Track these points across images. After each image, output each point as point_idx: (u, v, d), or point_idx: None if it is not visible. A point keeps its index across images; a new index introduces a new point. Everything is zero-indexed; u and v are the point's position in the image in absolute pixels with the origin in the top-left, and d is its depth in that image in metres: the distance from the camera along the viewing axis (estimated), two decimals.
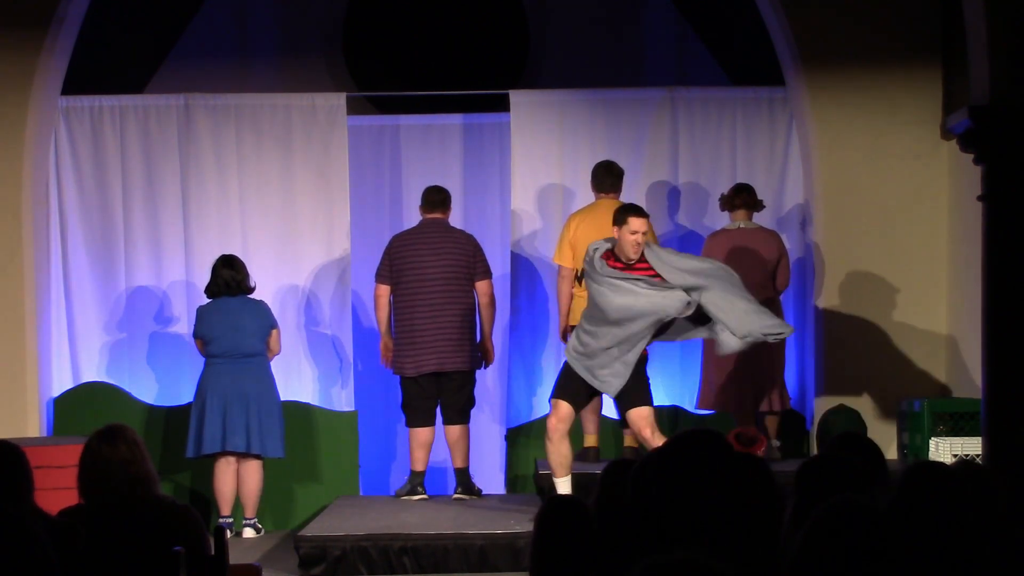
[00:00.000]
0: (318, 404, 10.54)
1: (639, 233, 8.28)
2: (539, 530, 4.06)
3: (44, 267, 10.39)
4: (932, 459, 7.92)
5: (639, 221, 8.31)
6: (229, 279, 9.68)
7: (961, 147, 8.02)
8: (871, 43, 10.09)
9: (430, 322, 9.62)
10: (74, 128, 10.57)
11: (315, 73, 11.60)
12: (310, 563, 8.19)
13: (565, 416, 8.49)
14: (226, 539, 5.09)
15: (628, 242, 8.28)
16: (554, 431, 8.48)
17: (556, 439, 8.47)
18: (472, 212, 11.05)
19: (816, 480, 4.20)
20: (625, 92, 10.83)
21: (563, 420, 8.48)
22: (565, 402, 8.49)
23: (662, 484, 3.49)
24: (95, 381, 10.53)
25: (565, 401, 8.48)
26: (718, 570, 2.76)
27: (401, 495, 9.76)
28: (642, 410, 8.42)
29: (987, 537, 3.59)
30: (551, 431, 8.50)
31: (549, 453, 8.55)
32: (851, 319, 10.18)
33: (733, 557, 3.44)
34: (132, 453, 5.03)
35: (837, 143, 10.20)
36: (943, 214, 10.16)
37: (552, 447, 8.50)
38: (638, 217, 8.33)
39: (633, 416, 8.43)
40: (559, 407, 8.49)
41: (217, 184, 10.62)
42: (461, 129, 11.16)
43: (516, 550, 8.16)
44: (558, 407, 8.49)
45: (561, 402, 8.49)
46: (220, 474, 9.65)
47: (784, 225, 10.53)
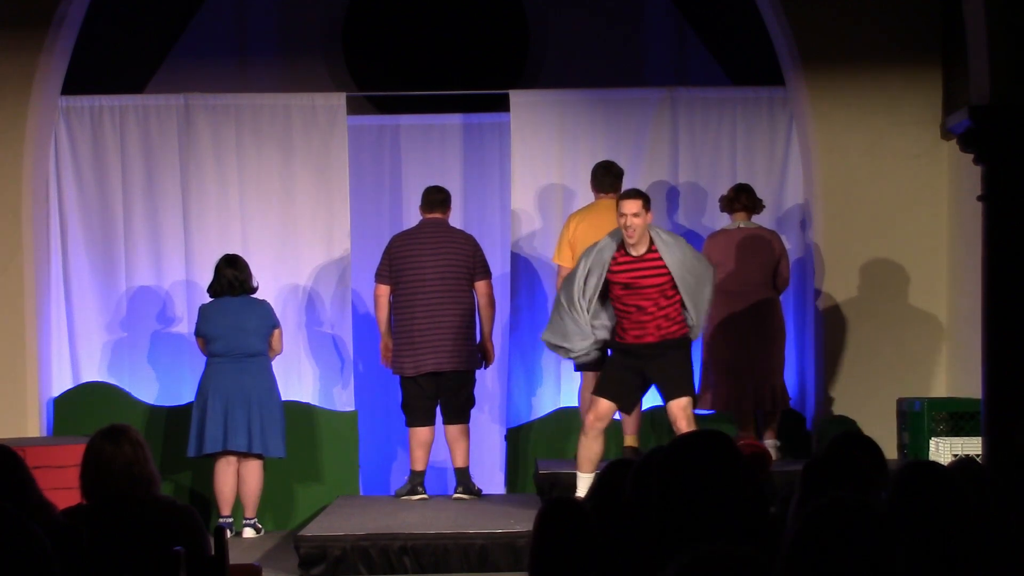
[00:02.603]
0: (318, 404, 10.54)
1: (627, 215, 8.36)
2: (539, 531, 4.06)
3: (44, 267, 10.40)
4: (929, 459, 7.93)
5: (628, 203, 8.40)
6: (232, 278, 9.68)
7: (961, 147, 8.02)
8: (871, 43, 10.09)
9: (429, 322, 9.62)
10: (74, 128, 10.57)
11: (315, 73, 11.61)
12: (310, 563, 8.19)
13: (604, 414, 8.54)
14: (226, 539, 5.09)
15: (621, 226, 8.40)
16: (591, 428, 8.55)
17: (591, 435, 8.55)
18: (472, 212, 11.05)
19: (820, 479, 4.20)
20: (625, 92, 10.83)
21: (601, 418, 8.54)
22: (606, 400, 8.52)
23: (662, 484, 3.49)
24: (95, 381, 10.53)
25: (607, 399, 8.52)
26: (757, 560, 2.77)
27: (401, 495, 9.76)
28: (681, 401, 8.46)
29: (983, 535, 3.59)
30: (588, 427, 8.58)
31: (580, 446, 8.60)
32: (851, 319, 10.18)
33: None
34: (136, 453, 5.03)
35: (837, 143, 10.20)
36: (943, 214, 10.16)
37: (585, 441, 8.57)
38: (625, 199, 8.44)
39: (672, 407, 8.48)
40: (598, 404, 8.54)
41: (217, 184, 10.62)
42: (461, 129, 11.16)
43: (516, 550, 8.16)
44: (597, 404, 8.54)
45: (602, 400, 8.54)
46: (220, 474, 9.65)
47: (784, 225, 10.53)
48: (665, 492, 3.47)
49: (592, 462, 8.55)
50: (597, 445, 8.55)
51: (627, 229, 8.36)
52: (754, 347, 9.70)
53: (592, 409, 8.55)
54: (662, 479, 3.50)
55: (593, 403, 8.57)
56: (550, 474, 9.49)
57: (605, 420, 8.56)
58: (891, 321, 10.17)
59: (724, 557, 2.78)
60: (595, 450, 8.55)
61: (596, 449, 8.55)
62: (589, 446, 8.55)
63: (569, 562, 3.95)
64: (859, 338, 10.16)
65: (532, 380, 10.68)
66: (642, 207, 8.41)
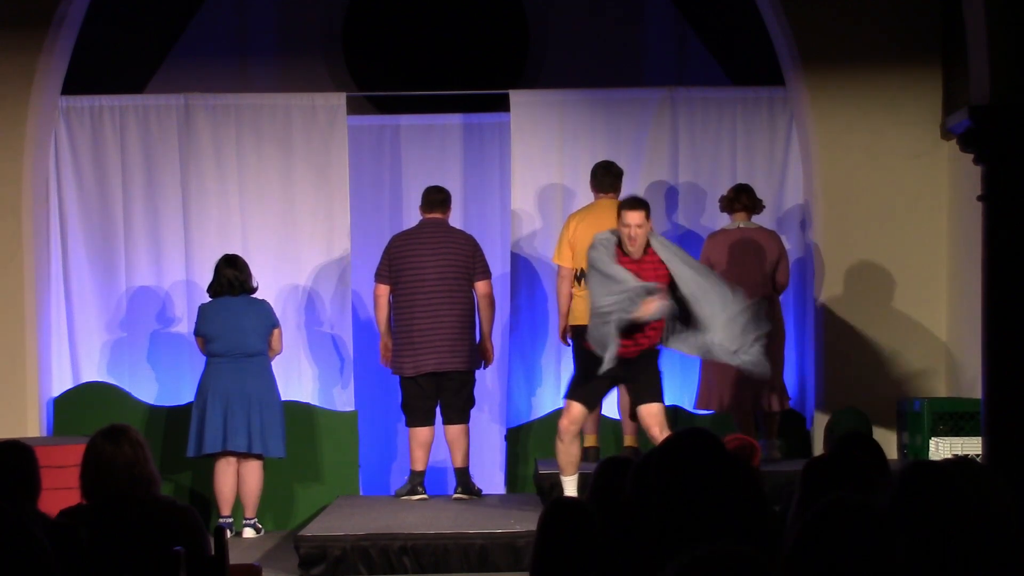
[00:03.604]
0: (318, 404, 10.54)
1: (631, 226, 8.35)
2: (542, 532, 4.05)
3: (44, 267, 10.40)
4: (930, 458, 7.94)
5: (632, 214, 8.37)
6: (232, 278, 9.68)
7: (961, 147, 8.02)
8: (871, 43, 10.09)
9: (429, 322, 9.62)
10: (74, 128, 10.57)
11: (315, 73, 11.61)
12: (310, 563, 8.19)
13: (577, 417, 8.59)
14: (226, 539, 5.09)
15: (624, 236, 8.38)
16: (565, 432, 8.61)
17: (567, 440, 8.63)
18: (472, 212, 11.05)
19: (821, 479, 4.20)
20: (625, 92, 10.83)
21: (575, 421, 8.59)
22: (578, 403, 8.57)
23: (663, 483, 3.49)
24: (95, 381, 10.53)
25: (578, 402, 8.56)
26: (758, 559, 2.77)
27: (401, 495, 9.76)
28: (652, 407, 8.46)
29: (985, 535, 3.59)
30: (562, 431, 8.61)
31: (558, 452, 8.67)
32: (851, 319, 10.18)
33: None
34: (136, 454, 5.03)
35: (837, 143, 10.20)
36: (943, 214, 10.16)
37: (562, 447, 8.64)
38: (631, 211, 8.40)
39: (643, 412, 8.49)
40: (571, 408, 8.57)
41: (217, 184, 10.62)
42: (461, 129, 11.16)
43: (516, 550, 8.16)
44: (571, 408, 8.57)
45: (574, 403, 8.58)
46: (220, 474, 9.65)
47: (784, 225, 10.53)
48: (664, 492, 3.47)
49: (573, 464, 8.66)
50: (575, 448, 8.67)
51: (631, 239, 8.36)
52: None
53: (565, 414, 8.62)
54: (660, 479, 3.49)
55: (566, 407, 8.61)
56: (550, 474, 9.48)
57: (579, 423, 8.65)
58: (891, 321, 10.17)
59: (724, 557, 2.79)
60: (574, 453, 8.66)
61: (574, 452, 8.67)
62: (567, 451, 8.65)
63: (572, 563, 3.94)
64: (859, 338, 10.16)
65: (532, 380, 10.69)
66: (645, 218, 8.43)
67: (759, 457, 9.12)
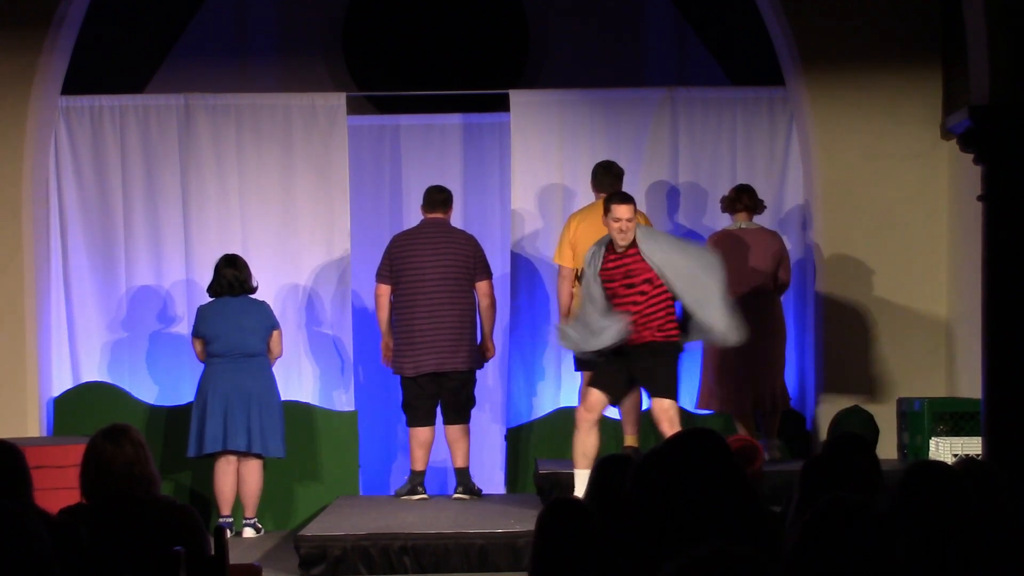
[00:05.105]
0: (318, 404, 10.54)
1: (622, 220, 8.40)
2: (540, 532, 4.05)
3: (44, 267, 10.39)
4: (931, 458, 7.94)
5: (621, 208, 8.42)
6: (232, 278, 9.68)
7: (961, 147, 8.02)
8: (871, 43, 10.09)
9: (430, 322, 9.62)
10: (74, 128, 10.57)
11: (315, 73, 11.62)
12: (310, 563, 8.19)
13: (594, 405, 8.50)
14: (226, 539, 5.08)
15: (612, 229, 8.43)
16: (582, 420, 8.52)
17: (584, 429, 8.50)
18: (472, 212, 11.05)
19: (820, 479, 4.20)
20: (625, 92, 10.83)
21: (591, 409, 8.50)
22: (596, 390, 8.49)
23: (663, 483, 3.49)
24: (95, 381, 10.53)
25: (596, 389, 8.49)
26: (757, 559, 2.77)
27: (401, 495, 9.76)
28: (663, 402, 8.44)
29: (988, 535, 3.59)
30: (579, 420, 8.55)
31: (574, 442, 8.55)
32: (851, 319, 10.18)
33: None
34: (136, 454, 5.03)
35: (837, 143, 10.20)
36: (943, 214, 10.16)
37: (578, 436, 8.52)
38: (620, 204, 8.45)
39: (655, 406, 8.48)
40: (588, 395, 8.52)
41: (217, 184, 10.62)
42: (461, 129, 11.16)
43: (516, 550, 8.16)
44: (587, 395, 8.53)
45: (592, 390, 8.52)
46: (220, 474, 9.65)
47: (784, 225, 10.53)
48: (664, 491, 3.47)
49: (588, 457, 8.43)
50: (591, 439, 8.49)
51: (622, 233, 8.41)
52: (754, 347, 9.68)
53: (583, 401, 8.55)
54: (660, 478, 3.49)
55: (585, 395, 8.56)
56: (550, 474, 9.48)
57: (596, 412, 8.51)
58: (891, 321, 10.17)
59: (724, 557, 2.79)
60: (590, 444, 8.48)
61: (591, 443, 8.49)
62: (583, 440, 8.49)
63: (571, 562, 3.94)
64: (859, 338, 10.15)
65: (532, 380, 10.68)
66: (634, 211, 8.50)
67: (762, 459, 9.12)
